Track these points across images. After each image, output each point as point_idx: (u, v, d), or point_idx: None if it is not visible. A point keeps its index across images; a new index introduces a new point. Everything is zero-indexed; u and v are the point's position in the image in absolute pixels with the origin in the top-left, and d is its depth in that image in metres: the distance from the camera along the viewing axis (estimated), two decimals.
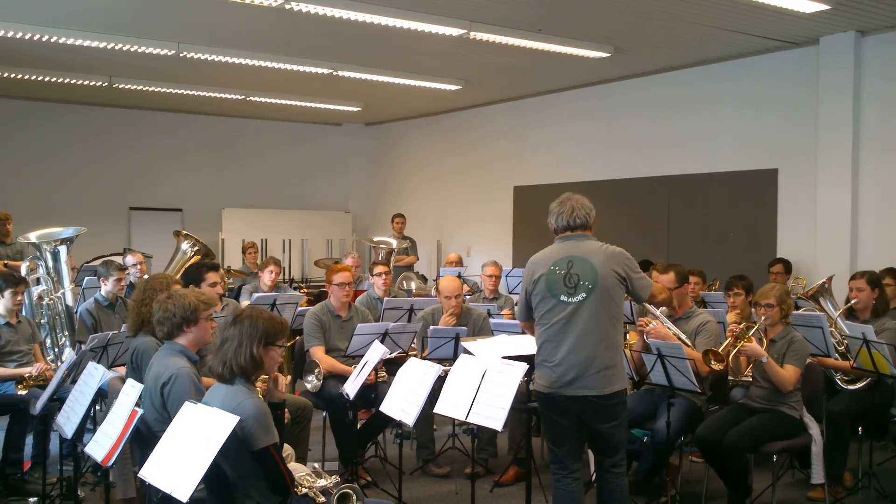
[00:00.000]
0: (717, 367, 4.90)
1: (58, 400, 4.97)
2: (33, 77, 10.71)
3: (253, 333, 3.49)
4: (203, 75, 10.83)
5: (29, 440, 5.71)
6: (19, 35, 8.42)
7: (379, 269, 7.60)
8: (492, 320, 6.43)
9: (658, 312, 5.35)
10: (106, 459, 3.63)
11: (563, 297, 4.08)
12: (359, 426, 5.79)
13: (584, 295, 4.04)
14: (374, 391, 5.53)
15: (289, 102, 12.69)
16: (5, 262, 9.45)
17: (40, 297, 7.00)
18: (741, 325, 5.05)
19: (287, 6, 7.21)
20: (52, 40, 8.61)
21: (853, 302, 5.84)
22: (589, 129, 11.24)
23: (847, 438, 5.43)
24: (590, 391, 4.02)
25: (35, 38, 8.51)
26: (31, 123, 12.96)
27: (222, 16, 8.09)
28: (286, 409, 4.15)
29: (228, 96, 12.08)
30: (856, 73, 8.12)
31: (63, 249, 7.16)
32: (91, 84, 11.07)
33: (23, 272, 6.99)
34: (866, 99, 8.14)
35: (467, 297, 7.61)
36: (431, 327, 6.07)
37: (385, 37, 8.47)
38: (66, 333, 6.96)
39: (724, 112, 9.55)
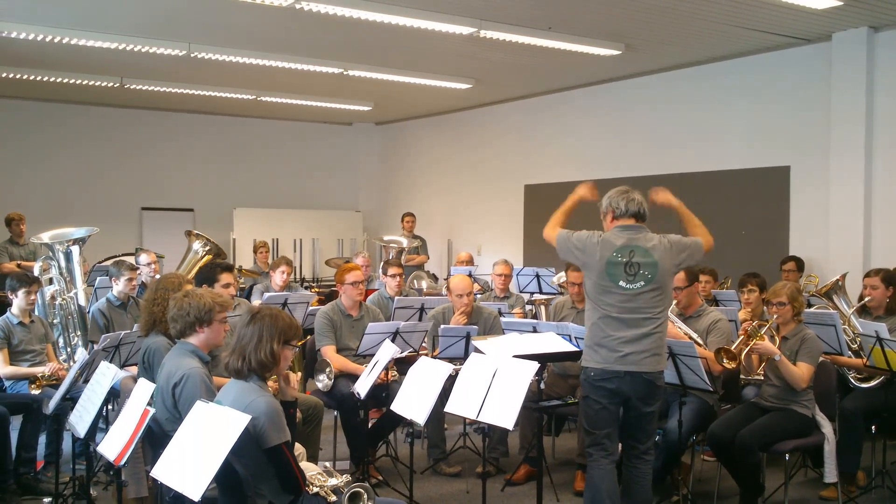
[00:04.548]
0: (729, 365, 4.88)
1: (70, 399, 5.00)
2: (45, 78, 10.77)
3: (274, 331, 3.52)
4: (214, 75, 10.86)
5: (42, 439, 5.75)
6: (31, 36, 8.47)
7: (393, 269, 7.57)
8: (503, 319, 6.42)
9: (668, 312, 5.33)
10: (118, 458, 3.65)
11: (623, 283, 4.26)
12: (370, 425, 5.79)
13: (642, 283, 4.25)
14: (385, 390, 5.54)
15: (299, 102, 12.71)
16: (18, 262, 9.51)
17: (53, 297, 7.03)
18: (753, 324, 5.03)
19: (297, 6, 7.22)
20: (64, 41, 8.66)
21: (867, 300, 5.82)
22: (600, 127, 11.22)
23: (860, 437, 5.40)
24: (643, 368, 4.23)
25: (46, 39, 8.56)
26: (43, 124, 13.02)
27: (233, 16, 8.11)
28: (297, 409, 4.16)
29: (239, 96, 12.11)
30: (868, 70, 8.07)
31: (75, 250, 7.18)
32: (102, 85, 11.12)
33: (36, 272, 7.01)
34: (879, 95, 8.09)
35: (478, 295, 7.61)
36: (442, 326, 6.07)
37: (395, 36, 8.47)
38: (79, 333, 6.99)
39: (735, 109, 9.51)
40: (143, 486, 4.68)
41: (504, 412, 4.15)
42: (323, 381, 5.64)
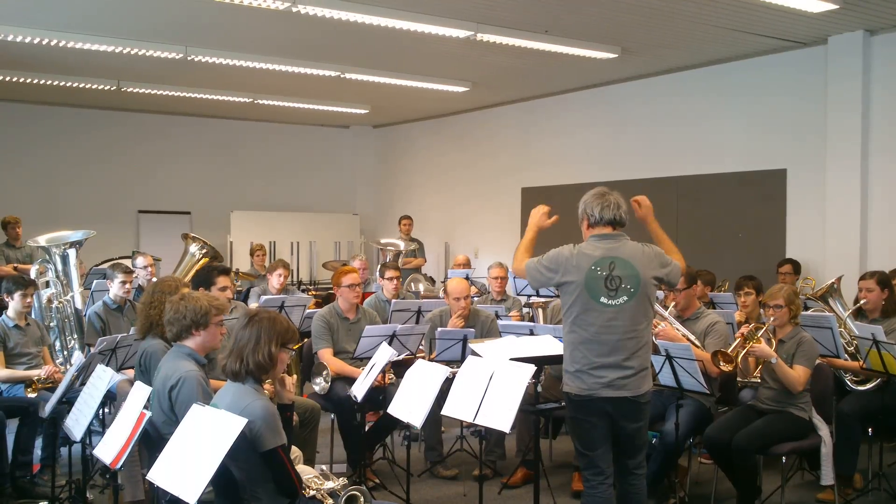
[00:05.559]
0: (726, 368, 4.89)
1: (67, 402, 4.99)
2: (42, 81, 10.74)
3: (272, 333, 3.52)
4: (211, 78, 10.86)
5: (38, 443, 5.74)
6: (28, 39, 8.46)
7: (390, 273, 7.56)
8: (500, 322, 6.42)
9: (667, 314, 5.35)
10: (115, 462, 3.65)
11: (604, 300, 3.96)
12: (367, 428, 5.79)
13: (625, 298, 3.96)
14: (381, 393, 5.54)
15: (296, 105, 12.71)
16: (15, 265, 9.51)
17: (49, 301, 7.02)
18: (750, 326, 5.04)
19: (294, 9, 7.22)
20: (61, 44, 8.65)
21: (862, 302, 5.83)
22: (596, 130, 11.22)
23: (857, 439, 5.41)
24: (628, 392, 3.99)
25: (43, 42, 8.55)
26: (40, 127, 13.01)
27: (230, 19, 8.11)
28: (294, 412, 4.16)
29: (236, 99, 12.10)
30: (864, 73, 8.08)
31: (72, 253, 7.18)
32: (99, 88, 11.10)
33: (32, 275, 7.00)
34: (875, 98, 8.10)
35: (475, 298, 7.61)
36: (439, 329, 6.07)
37: (392, 39, 8.47)
38: (76, 336, 6.99)
39: (732, 112, 9.52)
40: (139, 489, 4.69)
41: (501, 415, 4.14)
42: (320, 384, 5.65)
